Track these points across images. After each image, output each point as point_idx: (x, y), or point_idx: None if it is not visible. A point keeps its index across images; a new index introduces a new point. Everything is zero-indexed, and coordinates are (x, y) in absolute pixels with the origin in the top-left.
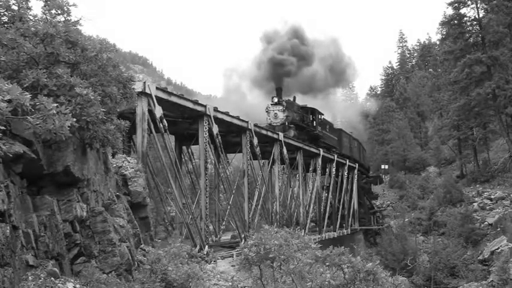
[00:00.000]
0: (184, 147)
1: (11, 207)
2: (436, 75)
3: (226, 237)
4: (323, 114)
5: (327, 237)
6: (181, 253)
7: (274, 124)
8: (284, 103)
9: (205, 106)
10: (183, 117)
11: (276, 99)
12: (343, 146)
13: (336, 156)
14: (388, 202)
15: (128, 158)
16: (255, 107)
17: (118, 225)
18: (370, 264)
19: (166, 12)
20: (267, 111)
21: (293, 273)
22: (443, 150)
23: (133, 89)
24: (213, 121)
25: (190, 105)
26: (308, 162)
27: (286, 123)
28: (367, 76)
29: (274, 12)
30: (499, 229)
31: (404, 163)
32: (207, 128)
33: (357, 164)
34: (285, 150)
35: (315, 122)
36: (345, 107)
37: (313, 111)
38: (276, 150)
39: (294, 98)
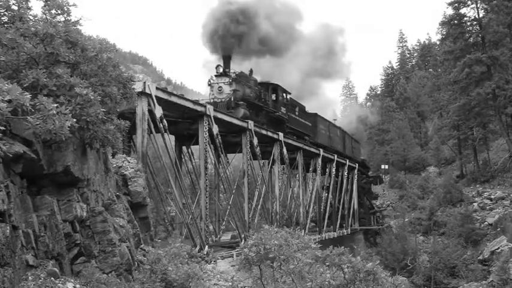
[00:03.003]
0: (184, 147)
1: (11, 207)
2: (436, 75)
3: (226, 237)
4: (290, 93)
5: (327, 237)
6: (181, 253)
7: (217, 100)
8: (232, 74)
9: (205, 106)
10: (183, 117)
11: (221, 69)
12: (319, 134)
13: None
14: (388, 202)
15: (128, 158)
16: None
17: (118, 225)
18: (370, 264)
19: (166, 12)
20: (209, 85)
21: (293, 273)
22: (443, 150)
23: (133, 89)
24: (213, 121)
25: (190, 105)
26: (308, 162)
27: (232, 99)
28: (367, 76)
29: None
30: (499, 229)
31: (404, 163)
32: (207, 128)
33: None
34: (285, 150)
35: (278, 102)
36: (345, 107)
37: (275, 89)
38: (276, 150)
39: (251, 71)
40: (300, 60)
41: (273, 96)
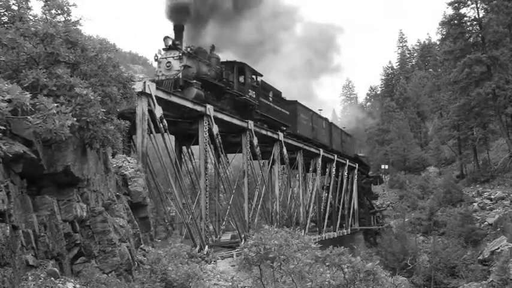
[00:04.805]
0: (184, 147)
1: (11, 207)
2: (436, 75)
3: (226, 237)
4: (261, 76)
5: (327, 237)
6: (181, 253)
7: (163, 78)
8: (184, 48)
9: (205, 106)
10: (183, 117)
11: (169, 42)
12: (299, 124)
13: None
14: (388, 202)
15: (128, 158)
16: None
17: (118, 225)
18: (370, 264)
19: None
20: (157, 60)
21: (293, 273)
22: (443, 150)
23: (133, 89)
24: (213, 121)
25: (190, 105)
26: (308, 162)
27: (181, 76)
28: (367, 76)
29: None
30: (499, 229)
31: (404, 163)
32: (207, 128)
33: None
34: (285, 150)
35: (245, 85)
36: (345, 107)
37: (242, 68)
38: (276, 150)
39: (212, 47)
40: (294, 59)
41: (241, 78)
